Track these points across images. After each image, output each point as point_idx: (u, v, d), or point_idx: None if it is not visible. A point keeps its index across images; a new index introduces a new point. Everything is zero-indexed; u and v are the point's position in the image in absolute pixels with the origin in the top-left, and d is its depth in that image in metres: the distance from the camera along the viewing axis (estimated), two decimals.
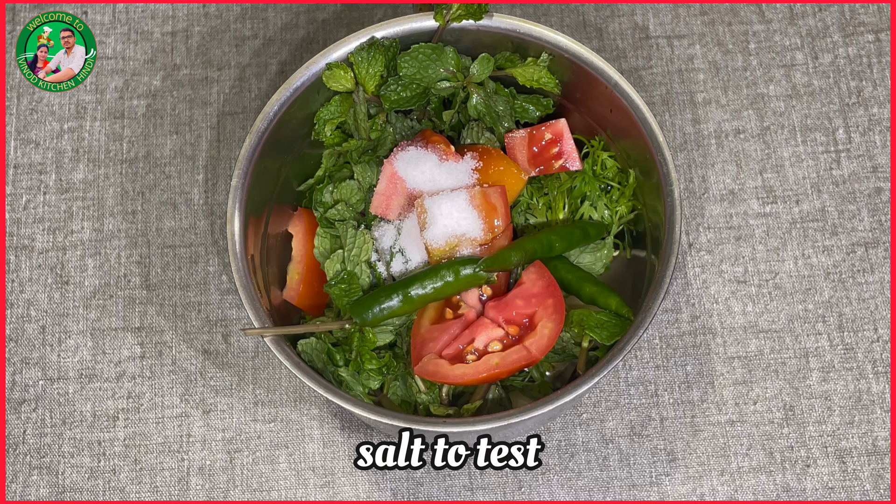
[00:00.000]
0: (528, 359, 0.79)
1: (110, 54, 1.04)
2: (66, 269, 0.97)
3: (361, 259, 0.85)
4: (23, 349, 0.94)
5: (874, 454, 0.90)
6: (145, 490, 0.90)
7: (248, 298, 0.81)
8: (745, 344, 0.93)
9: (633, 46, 1.03)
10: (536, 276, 0.83)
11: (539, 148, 0.88)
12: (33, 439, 0.92)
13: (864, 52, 1.02)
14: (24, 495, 0.90)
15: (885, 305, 0.94)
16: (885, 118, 1.00)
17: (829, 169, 0.99)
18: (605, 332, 0.82)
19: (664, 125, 1.00)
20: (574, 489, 0.89)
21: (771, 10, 1.04)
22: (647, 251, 0.87)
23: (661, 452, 0.90)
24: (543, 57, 0.87)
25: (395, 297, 0.81)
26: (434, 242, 0.82)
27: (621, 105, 0.85)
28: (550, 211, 0.88)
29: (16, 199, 0.99)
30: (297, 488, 0.90)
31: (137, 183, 1.00)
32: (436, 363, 0.80)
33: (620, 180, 0.88)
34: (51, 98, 1.02)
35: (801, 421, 0.91)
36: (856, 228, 0.97)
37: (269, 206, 0.88)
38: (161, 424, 0.92)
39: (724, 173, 0.99)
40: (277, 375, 0.93)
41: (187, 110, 1.02)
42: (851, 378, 0.92)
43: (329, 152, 0.90)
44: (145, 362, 0.94)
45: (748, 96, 1.01)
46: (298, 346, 0.83)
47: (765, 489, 0.89)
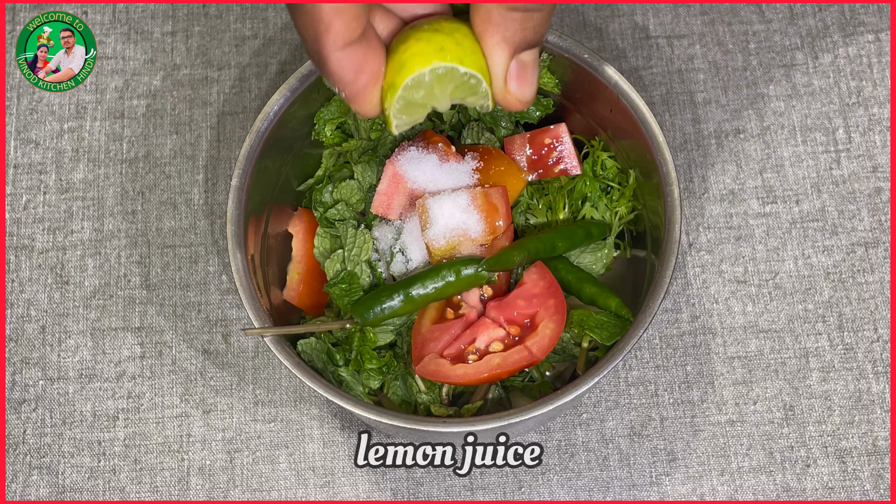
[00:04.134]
0: (530, 359, 0.79)
1: (110, 54, 1.04)
2: (66, 269, 0.97)
3: (361, 259, 0.85)
4: (23, 349, 0.94)
5: (874, 454, 0.90)
6: (145, 490, 0.90)
7: (248, 298, 0.81)
8: (745, 344, 0.93)
9: (633, 46, 1.03)
10: (538, 276, 0.83)
11: (538, 153, 0.88)
12: (33, 439, 0.92)
13: (864, 52, 1.02)
14: (24, 495, 0.90)
15: (885, 305, 0.94)
16: (885, 118, 1.00)
17: (829, 169, 0.99)
18: (605, 332, 0.82)
19: (664, 125, 1.00)
20: (574, 489, 0.90)
21: (771, 10, 1.04)
22: (647, 251, 0.87)
23: (661, 452, 0.90)
24: (543, 57, 0.87)
25: (397, 297, 0.81)
26: (435, 242, 0.82)
27: (621, 105, 0.84)
28: (551, 211, 0.88)
29: (16, 199, 0.99)
30: (297, 488, 0.90)
31: (137, 183, 0.99)
32: (437, 363, 0.80)
33: (620, 181, 0.88)
34: (51, 98, 1.02)
35: (801, 421, 0.91)
36: (856, 228, 0.97)
37: (269, 206, 0.88)
38: (161, 424, 0.92)
39: (724, 173, 0.99)
40: (277, 375, 0.93)
41: (187, 110, 1.02)
42: (851, 378, 0.92)
43: (329, 152, 0.90)
44: (145, 362, 0.94)
45: (748, 96, 1.01)
46: (298, 346, 0.83)
47: (765, 489, 0.89)
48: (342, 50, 0.67)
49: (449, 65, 0.69)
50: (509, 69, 0.70)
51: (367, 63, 0.68)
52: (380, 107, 0.71)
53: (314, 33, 0.66)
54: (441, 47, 0.69)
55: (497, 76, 0.71)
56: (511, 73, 0.71)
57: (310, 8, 0.65)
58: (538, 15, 0.68)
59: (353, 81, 0.69)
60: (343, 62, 0.67)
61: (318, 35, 0.66)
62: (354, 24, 0.66)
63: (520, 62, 0.71)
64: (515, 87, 0.71)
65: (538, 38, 0.70)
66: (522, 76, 0.71)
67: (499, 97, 0.72)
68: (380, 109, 0.71)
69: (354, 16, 0.66)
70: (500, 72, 0.70)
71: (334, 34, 0.66)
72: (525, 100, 0.72)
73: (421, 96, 0.70)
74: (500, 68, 0.70)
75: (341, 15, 0.65)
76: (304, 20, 0.66)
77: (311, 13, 0.65)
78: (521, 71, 0.71)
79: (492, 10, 0.68)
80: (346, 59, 0.67)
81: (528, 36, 0.69)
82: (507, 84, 0.71)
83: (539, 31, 0.69)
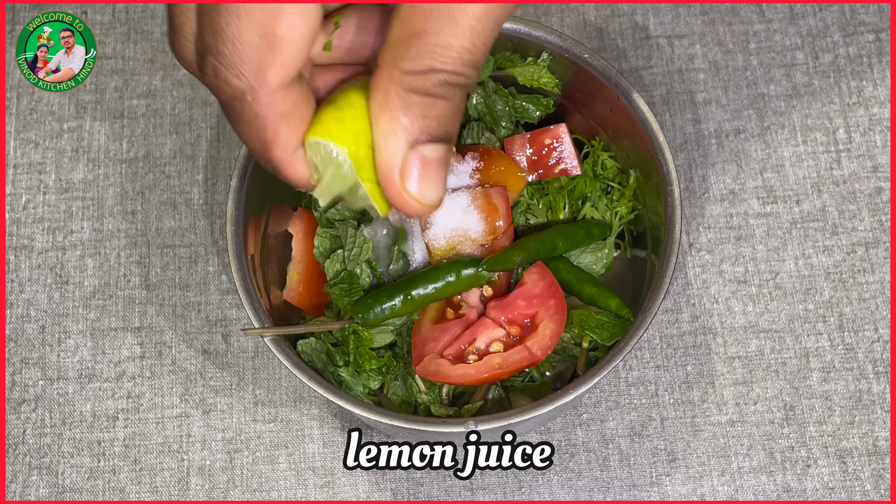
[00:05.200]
0: (530, 359, 0.79)
1: (110, 54, 1.04)
2: (65, 269, 0.97)
3: (361, 259, 0.85)
4: (23, 349, 0.94)
5: (874, 454, 0.90)
6: (145, 490, 0.90)
7: (248, 298, 0.81)
8: (745, 344, 0.93)
9: (633, 46, 1.03)
10: (538, 276, 0.83)
11: (539, 153, 0.88)
12: (33, 439, 0.92)
13: (865, 52, 1.02)
14: (24, 495, 0.90)
15: (885, 305, 0.94)
16: (885, 118, 1.00)
17: (830, 169, 0.99)
18: (606, 332, 0.82)
19: (664, 125, 1.00)
20: (574, 489, 0.89)
21: (771, 9, 1.04)
22: (647, 251, 0.87)
23: (662, 452, 0.90)
24: (543, 57, 0.87)
25: (397, 298, 0.81)
26: (436, 242, 0.82)
27: (621, 105, 0.84)
28: (551, 211, 0.88)
29: (16, 198, 0.99)
30: (297, 488, 0.90)
31: (137, 183, 0.99)
32: (437, 363, 0.80)
33: (621, 181, 0.88)
34: (51, 98, 1.02)
35: (801, 421, 0.91)
36: (856, 228, 0.97)
37: (269, 206, 0.88)
38: (161, 424, 0.92)
39: (725, 173, 0.99)
40: (277, 375, 0.93)
41: (187, 110, 1.02)
42: (852, 378, 0.92)
43: None
44: (145, 362, 0.94)
45: (748, 96, 1.01)
46: (298, 346, 0.83)
47: (765, 489, 0.89)
48: (295, 150, 0.62)
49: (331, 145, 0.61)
50: (408, 165, 0.60)
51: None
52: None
53: (261, 143, 0.62)
54: (343, 125, 0.61)
55: (389, 170, 0.60)
56: (410, 171, 0.60)
57: (251, 119, 0.60)
58: (442, 104, 0.59)
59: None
60: (298, 164, 0.63)
61: (265, 144, 0.61)
62: (301, 127, 0.62)
63: (422, 158, 0.60)
64: (414, 187, 0.60)
65: (444, 134, 0.60)
66: (424, 175, 0.60)
67: (391, 195, 0.61)
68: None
69: (301, 118, 0.61)
70: (394, 165, 0.60)
71: (282, 143, 0.61)
72: (427, 203, 0.61)
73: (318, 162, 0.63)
74: (393, 160, 0.60)
75: (288, 121, 0.60)
76: (246, 131, 0.61)
77: (254, 124, 0.60)
78: (423, 169, 0.60)
79: (389, 91, 0.59)
80: (300, 161, 0.63)
81: (430, 127, 0.59)
82: (404, 182, 0.60)
83: (444, 125, 0.60)
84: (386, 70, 0.59)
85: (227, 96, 0.60)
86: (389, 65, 0.59)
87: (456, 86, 0.59)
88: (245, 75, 0.58)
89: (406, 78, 0.58)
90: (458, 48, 0.58)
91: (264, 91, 0.59)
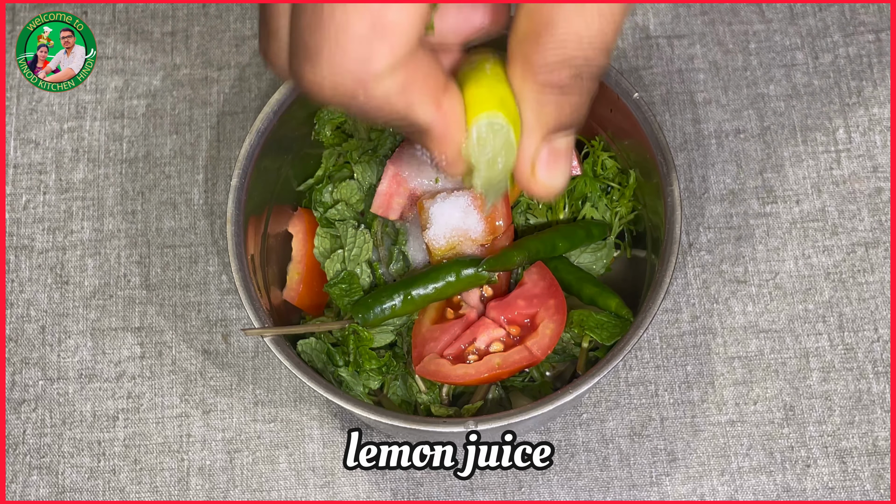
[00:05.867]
0: (530, 359, 0.79)
1: (110, 54, 1.04)
2: (65, 269, 0.97)
3: (361, 259, 0.85)
4: (23, 349, 0.94)
5: (874, 454, 0.90)
6: (145, 490, 0.90)
7: (248, 298, 0.81)
8: (745, 344, 0.93)
9: (633, 46, 1.03)
10: (538, 276, 0.83)
11: None
12: (33, 439, 0.92)
13: (865, 52, 1.02)
14: (24, 495, 0.90)
15: (885, 305, 0.94)
16: (885, 118, 1.00)
17: (830, 169, 0.99)
18: (605, 332, 0.82)
19: (664, 125, 1.00)
20: (574, 489, 0.89)
21: (771, 9, 1.04)
22: (647, 251, 0.87)
23: (662, 452, 0.90)
24: None
25: (397, 298, 0.81)
26: (436, 242, 0.82)
27: (621, 105, 0.84)
28: (551, 211, 0.88)
29: (16, 199, 0.99)
30: (297, 488, 0.90)
31: (137, 183, 0.99)
32: (437, 363, 0.80)
33: (621, 181, 0.88)
34: (51, 98, 1.02)
35: (801, 421, 0.91)
36: (856, 228, 0.97)
37: (269, 206, 0.88)
38: (161, 424, 0.92)
39: (725, 173, 0.99)
40: (277, 375, 0.93)
41: (187, 110, 1.02)
42: (852, 378, 0.92)
43: (329, 152, 0.90)
44: (145, 362, 0.94)
45: (748, 96, 1.01)
46: (298, 346, 0.83)
47: (765, 489, 0.89)
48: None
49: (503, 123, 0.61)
50: (539, 154, 0.63)
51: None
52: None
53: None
54: (501, 99, 0.61)
55: (524, 160, 0.63)
56: (541, 159, 0.63)
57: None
58: (575, 95, 0.61)
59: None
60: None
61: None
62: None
63: (552, 148, 0.63)
64: (544, 174, 0.64)
65: (574, 122, 0.63)
66: (553, 163, 0.64)
67: (522, 181, 0.64)
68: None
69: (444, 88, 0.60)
70: (529, 156, 0.63)
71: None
72: (554, 188, 0.64)
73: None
74: (528, 152, 0.63)
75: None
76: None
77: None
78: (553, 157, 0.63)
79: (524, 88, 0.60)
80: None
81: (563, 119, 0.62)
82: (534, 170, 0.63)
83: (575, 115, 0.62)
84: (518, 66, 0.59)
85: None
86: (521, 60, 0.59)
87: (589, 74, 0.59)
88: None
89: (540, 75, 0.58)
90: (589, 36, 0.57)
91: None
